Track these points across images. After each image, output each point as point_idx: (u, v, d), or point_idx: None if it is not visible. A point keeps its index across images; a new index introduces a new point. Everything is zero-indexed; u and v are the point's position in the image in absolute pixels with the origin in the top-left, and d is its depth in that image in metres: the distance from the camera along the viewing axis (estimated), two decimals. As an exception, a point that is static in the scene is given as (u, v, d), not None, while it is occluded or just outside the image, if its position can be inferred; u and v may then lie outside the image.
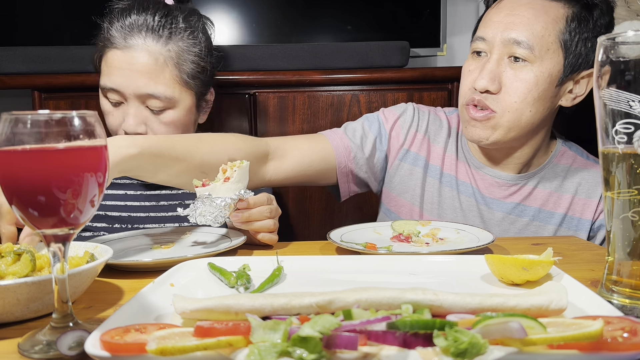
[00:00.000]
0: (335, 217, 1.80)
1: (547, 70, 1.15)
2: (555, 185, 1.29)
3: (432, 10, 2.01)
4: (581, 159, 1.33)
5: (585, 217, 1.28)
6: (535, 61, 1.14)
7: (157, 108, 1.24)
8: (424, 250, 0.96)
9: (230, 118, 1.72)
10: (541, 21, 1.14)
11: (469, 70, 1.22)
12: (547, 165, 1.31)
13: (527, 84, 1.14)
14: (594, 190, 1.28)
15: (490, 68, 1.16)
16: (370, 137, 1.35)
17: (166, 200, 1.36)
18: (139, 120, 1.23)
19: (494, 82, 1.15)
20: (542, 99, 1.17)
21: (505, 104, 1.16)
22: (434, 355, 0.49)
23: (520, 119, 1.17)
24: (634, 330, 0.49)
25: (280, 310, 0.57)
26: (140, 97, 1.22)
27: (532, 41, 1.13)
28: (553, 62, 1.15)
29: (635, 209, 0.65)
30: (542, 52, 1.14)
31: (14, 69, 1.64)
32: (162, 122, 1.25)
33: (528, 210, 1.29)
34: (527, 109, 1.16)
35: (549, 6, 1.15)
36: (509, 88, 1.15)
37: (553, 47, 1.14)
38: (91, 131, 0.59)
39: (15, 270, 0.70)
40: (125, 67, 1.21)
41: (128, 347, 0.50)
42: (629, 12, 1.90)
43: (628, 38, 0.63)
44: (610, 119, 0.64)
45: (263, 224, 1.03)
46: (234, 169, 1.01)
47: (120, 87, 1.22)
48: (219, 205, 0.96)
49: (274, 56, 1.72)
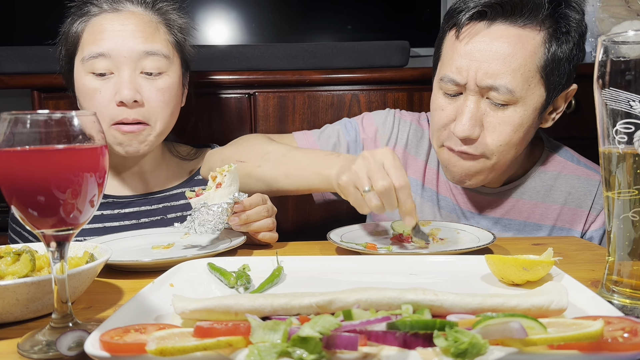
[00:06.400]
0: (335, 217, 1.80)
1: (532, 107, 1.06)
2: (542, 195, 1.21)
3: (432, 10, 2.01)
4: (571, 164, 1.23)
5: (576, 228, 1.20)
6: (519, 102, 1.04)
7: (154, 70, 1.16)
8: (424, 251, 0.96)
9: (230, 118, 1.72)
10: (519, 57, 1.02)
11: (442, 109, 1.11)
12: (532, 173, 1.22)
13: (512, 126, 1.05)
14: (584, 200, 1.20)
15: (470, 112, 1.05)
16: (344, 146, 1.27)
17: (147, 217, 1.28)
18: (134, 87, 1.13)
19: (474, 129, 1.06)
20: (527, 134, 1.09)
21: (489, 149, 1.08)
22: (434, 355, 0.49)
23: (506, 158, 1.10)
24: (634, 331, 0.49)
25: (280, 310, 0.57)
26: (134, 60, 1.14)
27: (512, 84, 1.02)
28: (536, 96, 1.06)
29: (635, 209, 0.65)
30: (523, 91, 1.04)
31: (14, 69, 1.64)
32: (157, 89, 1.16)
33: (512, 224, 1.22)
34: (512, 149, 1.09)
35: (524, 36, 1.03)
36: (492, 132, 1.06)
37: (534, 80, 1.04)
38: (91, 131, 0.59)
39: (15, 270, 0.70)
40: (119, 29, 1.14)
41: (128, 348, 0.49)
42: (629, 12, 1.90)
43: (628, 38, 0.63)
44: (610, 119, 0.64)
45: (262, 224, 1.03)
46: (223, 173, 1.01)
47: (114, 51, 1.13)
48: (215, 212, 0.97)
49: (273, 56, 1.71)
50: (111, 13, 1.16)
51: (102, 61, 1.13)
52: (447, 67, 1.09)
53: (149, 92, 1.16)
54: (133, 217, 1.27)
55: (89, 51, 1.14)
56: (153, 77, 1.17)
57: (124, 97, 1.12)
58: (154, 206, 1.29)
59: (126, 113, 1.13)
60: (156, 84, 1.17)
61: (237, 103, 1.72)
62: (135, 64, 1.15)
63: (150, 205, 1.29)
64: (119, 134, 1.15)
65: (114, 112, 1.14)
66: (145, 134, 1.17)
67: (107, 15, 1.16)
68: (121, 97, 1.12)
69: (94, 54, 1.14)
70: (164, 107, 1.18)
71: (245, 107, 1.73)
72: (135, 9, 1.19)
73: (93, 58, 1.14)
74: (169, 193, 1.31)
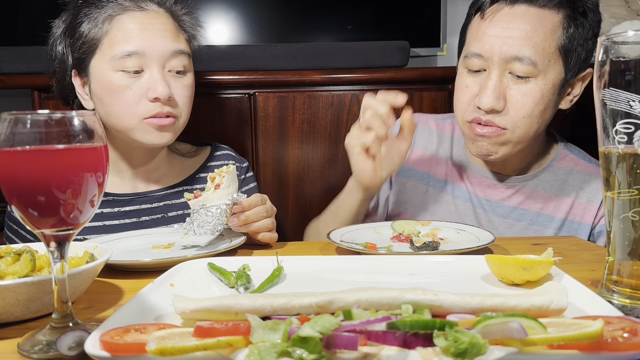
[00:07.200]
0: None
1: (551, 82, 1.12)
2: (556, 188, 1.28)
3: (432, 10, 2.01)
4: (584, 162, 1.30)
5: (586, 222, 1.26)
6: (539, 75, 1.11)
7: (180, 68, 1.21)
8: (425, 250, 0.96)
9: (231, 118, 1.72)
10: (540, 33, 1.10)
11: (466, 86, 1.18)
12: (547, 168, 1.29)
13: (534, 99, 1.12)
14: (595, 195, 1.26)
15: (494, 86, 1.12)
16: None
17: (148, 215, 1.28)
18: (166, 83, 1.18)
19: (499, 101, 1.12)
20: (547, 109, 1.15)
21: (513, 121, 1.13)
22: (434, 355, 0.49)
23: (529, 132, 1.15)
24: (634, 331, 0.49)
25: (280, 310, 0.57)
26: (164, 58, 1.18)
27: (535, 57, 1.09)
28: (555, 72, 1.13)
29: (635, 209, 0.65)
30: (544, 65, 1.11)
31: (14, 69, 1.64)
32: (183, 86, 1.22)
33: (527, 214, 1.27)
34: (535, 122, 1.14)
35: (544, 15, 1.11)
36: (515, 104, 1.12)
37: (554, 57, 1.12)
38: (91, 131, 0.59)
39: (15, 270, 0.70)
40: (148, 28, 1.17)
41: (128, 347, 0.49)
42: (629, 12, 1.90)
43: (628, 38, 0.63)
44: (610, 119, 0.64)
45: (261, 224, 1.04)
46: (222, 174, 1.01)
47: (147, 50, 1.16)
48: (214, 213, 0.97)
49: (274, 56, 1.71)
50: (137, 12, 1.19)
51: (134, 59, 1.16)
52: (472, 44, 1.17)
53: (177, 89, 1.21)
54: (133, 216, 1.27)
55: (120, 50, 1.16)
56: (180, 75, 1.22)
57: (160, 93, 1.16)
58: (154, 204, 1.29)
59: (159, 108, 1.18)
60: (182, 82, 1.22)
61: (237, 103, 1.72)
62: (164, 62, 1.19)
63: (151, 204, 1.29)
64: (151, 127, 1.18)
65: (147, 108, 1.17)
66: (175, 125, 1.22)
67: (134, 13, 1.18)
68: (156, 93, 1.16)
69: (127, 52, 1.16)
70: (188, 102, 1.24)
71: (245, 107, 1.73)
72: (158, 9, 1.22)
73: (126, 56, 1.16)
74: (170, 191, 1.31)
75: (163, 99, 1.16)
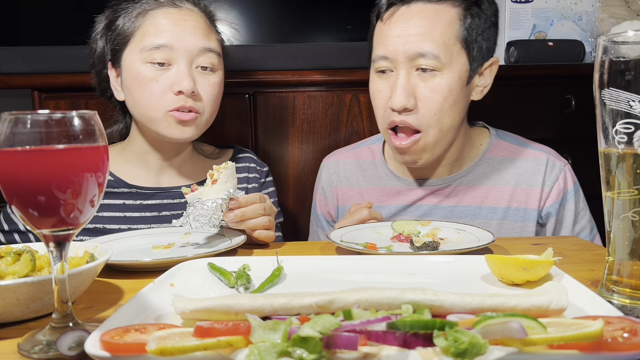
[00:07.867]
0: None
1: (457, 74, 1.14)
2: (493, 179, 1.28)
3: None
4: (518, 148, 1.31)
5: (531, 207, 1.26)
6: (444, 68, 1.13)
7: (208, 65, 1.23)
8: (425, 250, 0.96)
9: (230, 118, 1.72)
10: (438, 27, 1.13)
11: (379, 91, 1.20)
12: (481, 161, 1.30)
13: (442, 93, 1.14)
14: (535, 179, 1.27)
15: (403, 85, 1.14)
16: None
17: (168, 210, 1.30)
18: (191, 78, 1.20)
19: (410, 99, 1.14)
20: (457, 103, 1.17)
21: (425, 120, 1.15)
22: (434, 355, 0.49)
23: (442, 128, 1.17)
24: (634, 331, 0.49)
25: (280, 310, 0.57)
26: (193, 54, 1.21)
27: (437, 50, 1.12)
28: (459, 64, 1.15)
29: (635, 209, 0.65)
30: (448, 58, 1.13)
31: (14, 69, 1.64)
32: (210, 83, 1.24)
33: (468, 210, 1.28)
34: (446, 117, 1.16)
35: (440, 10, 1.14)
36: (425, 102, 1.14)
37: (456, 49, 1.14)
38: (91, 131, 0.59)
39: (15, 270, 0.70)
40: (180, 24, 1.21)
41: (128, 347, 0.50)
42: (629, 12, 1.90)
43: (628, 38, 0.63)
44: (610, 119, 0.64)
45: (258, 222, 1.04)
46: (220, 170, 1.02)
47: (175, 44, 1.19)
48: (210, 207, 0.97)
49: (274, 56, 1.71)
50: (172, 8, 1.22)
51: (162, 52, 1.19)
52: (377, 47, 1.20)
53: (202, 86, 1.23)
54: (155, 209, 1.30)
55: (149, 42, 1.19)
56: (207, 72, 1.24)
57: (184, 87, 1.18)
58: (175, 200, 1.32)
59: (183, 101, 1.19)
60: (209, 79, 1.24)
61: (237, 103, 1.72)
62: (193, 58, 1.21)
63: (172, 199, 1.32)
64: (174, 121, 1.21)
65: (171, 100, 1.19)
66: (197, 121, 1.24)
67: (168, 9, 1.22)
68: (181, 87, 1.18)
69: (156, 45, 1.19)
70: (213, 100, 1.26)
71: (245, 107, 1.73)
72: (192, 7, 1.25)
73: (155, 49, 1.19)
74: None
75: (187, 92, 1.18)
